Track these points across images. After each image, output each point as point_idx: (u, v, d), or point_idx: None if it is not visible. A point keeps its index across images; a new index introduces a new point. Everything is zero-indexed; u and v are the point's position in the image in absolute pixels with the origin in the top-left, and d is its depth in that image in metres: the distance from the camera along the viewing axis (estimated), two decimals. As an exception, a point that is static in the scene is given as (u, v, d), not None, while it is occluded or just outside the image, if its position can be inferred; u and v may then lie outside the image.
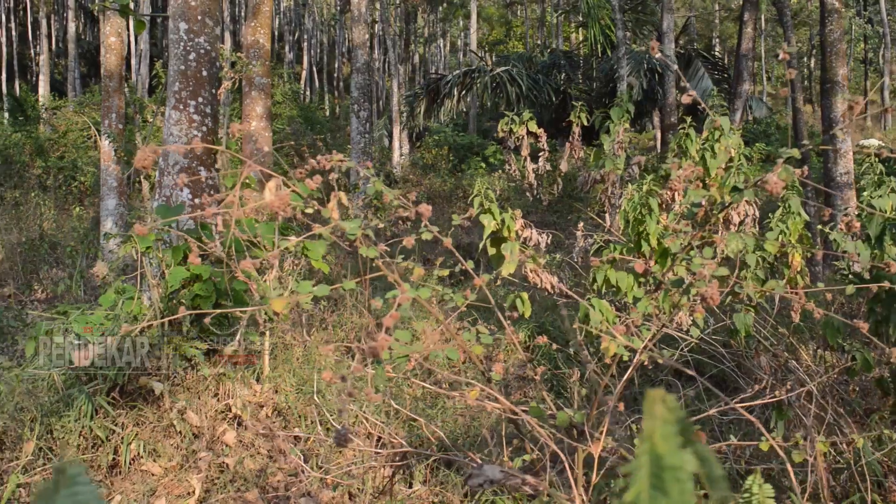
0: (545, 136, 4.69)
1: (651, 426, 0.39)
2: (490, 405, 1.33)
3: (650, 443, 0.39)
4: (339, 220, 1.23)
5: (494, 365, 1.35)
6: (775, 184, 1.19)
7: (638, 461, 0.39)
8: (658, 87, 18.00)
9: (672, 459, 0.38)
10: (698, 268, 1.27)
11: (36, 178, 19.41)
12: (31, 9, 43.86)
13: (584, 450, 1.48)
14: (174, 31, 5.62)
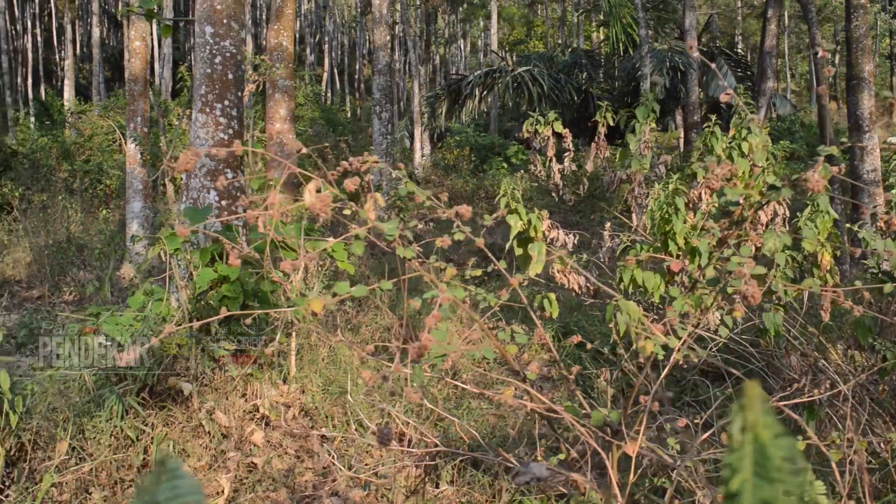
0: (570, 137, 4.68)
1: (753, 417, 0.40)
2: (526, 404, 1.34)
3: (753, 433, 0.40)
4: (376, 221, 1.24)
5: (530, 364, 1.36)
6: (817, 182, 1.18)
7: (740, 451, 0.40)
8: (680, 85, 17.90)
9: (775, 449, 0.39)
10: (735, 266, 1.27)
11: (62, 182, 19.62)
12: (55, 14, 44.36)
13: (620, 449, 1.48)
14: (200, 35, 5.68)
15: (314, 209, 1.09)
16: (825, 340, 3.89)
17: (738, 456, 0.40)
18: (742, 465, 0.40)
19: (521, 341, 1.45)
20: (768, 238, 1.45)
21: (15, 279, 12.86)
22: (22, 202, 17.10)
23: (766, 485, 0.39)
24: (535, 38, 45.18)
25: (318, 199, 1.08)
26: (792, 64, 46.25)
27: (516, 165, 20.83)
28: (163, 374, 5.00)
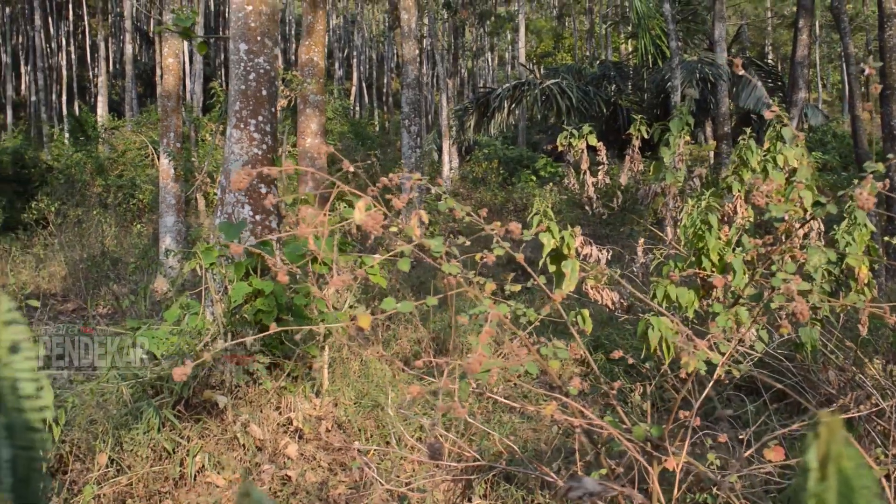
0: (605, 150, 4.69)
1: (836, 449, 0.41)
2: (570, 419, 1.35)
3: (837, 464, 0.41)
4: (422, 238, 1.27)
5: (572, 380, 1.37)
6: (866, 199, 1.19)
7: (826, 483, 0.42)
8: (710, 97, 17.79)
9: (858, 479, 0.41)
10: (779, 283, 1.27)
11: (97, 197, 19.92)
12: (89, 32, 45.17)
13: (661, 464, 1.48)
14: (234, 52, 5.76)
15: (366, 227, 1.11)
16: (863, 355, 3.85)
17: (824, 487, 0.41)
18: (828, 495, 0.41)
19: (563, 356, 1.47)
20: (812, 254, 1.45)
21: (51, 292, 13.07)
22: (57, 217, 17.39)
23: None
24: (563, 50, 45.18)
25: (370, 217, 1.10)
26: (823, 74, 45.80)
27: (545, 178, 20.82)
28: (198, 386, 5.06)
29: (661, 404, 5.06)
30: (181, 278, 6.87)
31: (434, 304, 1.37)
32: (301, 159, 9.55)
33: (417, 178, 1.40)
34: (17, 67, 45.87)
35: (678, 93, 12.81)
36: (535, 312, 1.68)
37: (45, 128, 32.40)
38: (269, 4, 5.78)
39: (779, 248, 1.51)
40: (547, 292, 1.55)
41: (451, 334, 7.52)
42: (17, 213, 18.71)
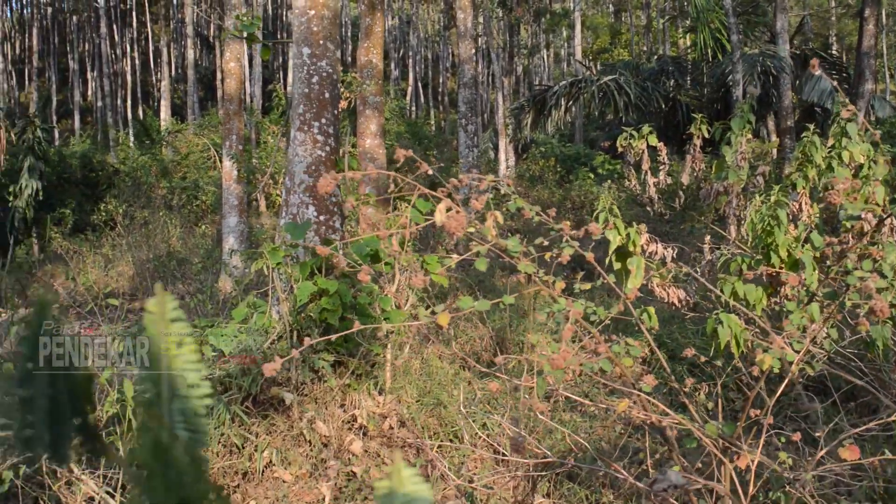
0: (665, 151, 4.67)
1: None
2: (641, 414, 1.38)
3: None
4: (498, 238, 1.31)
5: (646, 377, 1.39)
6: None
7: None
8: (772, 90, 17.46)
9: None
10: (855, 280, 1.28)
11: (161, 198, 20.42)
12: (152, 38, 46.29)
13: (733, 462, 1.50)
14: (297, 56, 5.88)
15: (448, 228, 1.16)
16: (937, 354, 3.76)
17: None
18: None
19: (635, 354, 1.49)
20: (890, 251, 1.45)
21: (119, 291, 13.46)
22: (125, 218, 17.88)
23: None
24: (620, 45, 44.71)
25: (453, 219, 1.14)
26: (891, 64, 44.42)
27: (602, 175, 20.65)
28: (265, 384, 5.18)
29: (725, 404, 5.01)
30: (248, 278, 7.02)
31: (510, 303, 1.41)
32: (361, 160, 9.67)
33: (491, 179, 1.44)
34: (84, 74, 47.28)
35: (739, 87, 12.60)
36: (605, 310, 1.70)
37: (112, 132, 33.33)
38: (331, 8, 5.88)
39: (854, 246, 1.51)
40: (618, 290, 1.58)
41: (511, 333, 7.54)
42: (86, 215, 19.32)
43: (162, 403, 0.49)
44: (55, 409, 0.51)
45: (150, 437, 0.46)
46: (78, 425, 0.51)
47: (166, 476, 0.46)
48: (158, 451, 0.46)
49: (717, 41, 18.04)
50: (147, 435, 0.46)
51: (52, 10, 46.65)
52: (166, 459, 0.46)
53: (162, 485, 0.46)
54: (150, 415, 0.48)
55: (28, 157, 16.10)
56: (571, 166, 22.51)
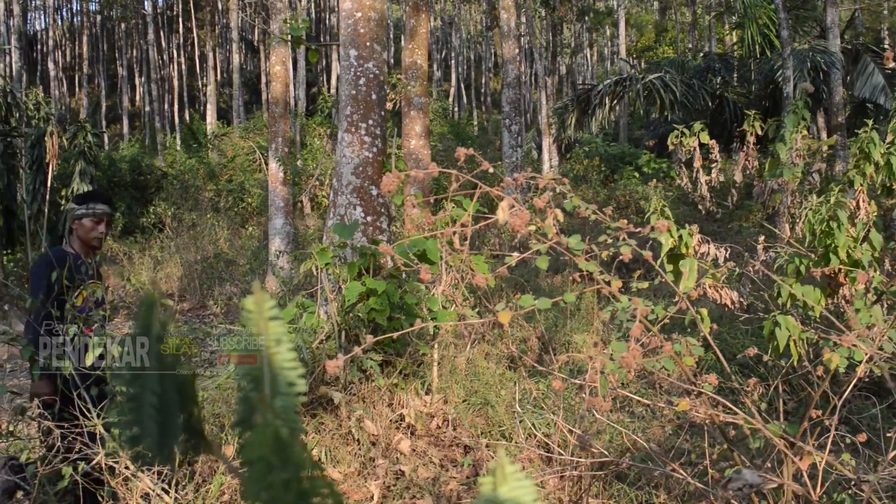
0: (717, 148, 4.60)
1: None
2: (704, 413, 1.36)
3: None
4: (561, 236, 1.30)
5: (709, 377, 1.38)
6: None
7: None
8: (822, 86, 17.12)
9: None
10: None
11: (209, 201, 20.73)
12: (198, 44, 47.01)
13: (794, 464, 1.48)
14: (345, 59, 5.92)
15: (513, 227, 1.16)
16: None
17: None
18: None
19: (697, 353, 1.48)
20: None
21: (168, 292, 13.68)
22: (173, 220, 18.18)
23: None
24: (665, 43, 44.23)
25: (517, 217, 1.14)
26: (945, 59, 43.15)
27: (648, 175, 20.44)
28: (314, 383, 5.23)
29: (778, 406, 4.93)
30: (295, 279, 7.09)
31: (571, 300, 1.40)
32: (407, 160, 9.71)
33: (550, 177, 1.43)
34: (133, 79, 48.26)
35: (790, 84, 12.38)
36: (664, 310, 1.69)
37: (159, 136, 33.96)
38: (378, 10, 5.91)
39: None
40: (676, 290, 1.56)
41: (556, 332, 7.51)
42: (135, 218, 19.70)
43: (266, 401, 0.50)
44: (163, 407, 0.52)
45: (270, 431, 0.47)
46: (183, 422, 0.53)
47: (286, 470, 0.47)
48: (278, 446, 0.47)
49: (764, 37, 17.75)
50: (265, 430, 0.47)
51: (101, 18, 47.67)
52: (285, 454, 0.47)
53: (281, 479, 0.46)
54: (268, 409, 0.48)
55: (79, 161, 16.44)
56: (616, 165, 22.33)
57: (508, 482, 0.50)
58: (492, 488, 0.50)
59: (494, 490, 0.49)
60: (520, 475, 0.50)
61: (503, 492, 0.49)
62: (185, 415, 0.52)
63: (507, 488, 0.49)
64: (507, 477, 0.50)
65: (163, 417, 0.51)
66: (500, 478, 0.50)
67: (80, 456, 3.50)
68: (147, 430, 0.50)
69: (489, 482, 0.50)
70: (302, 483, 0.47)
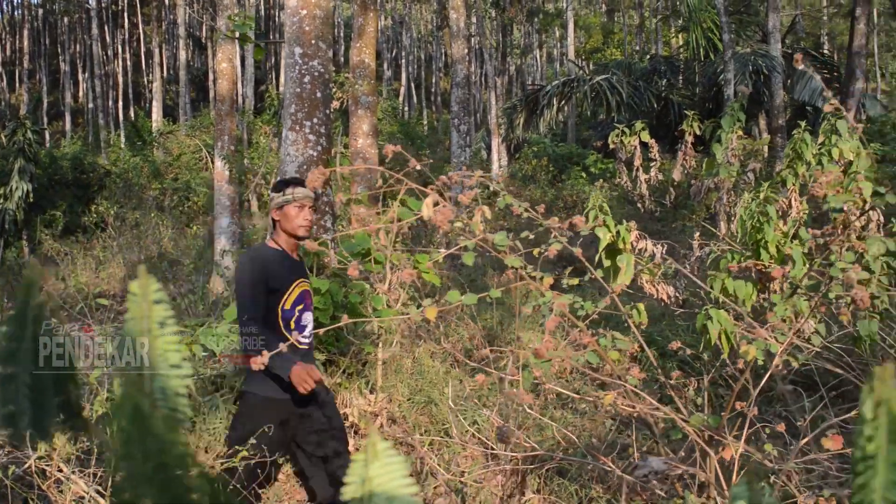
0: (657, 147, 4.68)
1: (887, 392, 0.46)
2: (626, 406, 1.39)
3: (887, 406, 0.46)
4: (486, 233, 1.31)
5: (632, 369, 1.40)
6: (922, 190, 1.21)
7: (876, 421, 0.47)
8: (764, 89, 17.52)
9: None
10: (838, 272, 1.29)
11: (153, 200, 20.39)
12: (144, 40, 46.19)
13: (718, 453, 1.51)
14: (290, 56, 5.88)
15: (435, 222, 1.17)
16: (924, 349, 3.79)
17: (874, 425, 0.47)
18: (877, 433, 0.46)
19: (622, 347, 1.50)
20: (871, 243, 1.47)
21: (110, 293, 13.41)
22: (116, 220, 17.83)
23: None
24: (613, 45, 44.80)
25: (439, 213, 1.15)
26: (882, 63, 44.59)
27: (595, 175, 20.69)
28: (257, 383, 5.18)
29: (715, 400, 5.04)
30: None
31: (497, 297, 1.42)
32: (353, 160, 9.67)
33: (479, 175, 1.44)
34: (76, 75, 47.17)
35: (731, 87, 12.65)
36: (593, 305, 1.71)
37: (103, 133, 33.26)
38: (323, 8, 5.88)
39: (836, 239, 1.52)
40: (606, 285, 1.59)
41: (501, 330, 7.56)
42: (76, 217, 19.28)
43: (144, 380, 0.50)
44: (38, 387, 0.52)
45: (130, 403, 0.47)
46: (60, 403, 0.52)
47: (144, 442, 0.47)
48: (138, 417, 0.47)
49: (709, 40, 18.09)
50: (127, 402, 0.47)
51: (42, 11, 46.55)
52: (145, 426, 0.47)
53: (140, 451, 0.46)
54: (131, 383, 0.49)
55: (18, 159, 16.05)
56: (564, 166, 22.55)
57: (379, 459, 0.51)
58: (363, 466, 0.51)
59: (365, 467, 0.51)
60: (391, 452, 0.51)
61: (374, 469, 0.50)
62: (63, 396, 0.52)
63: (377, 465, 0.50)
64: (378, 454, 0.51)
65: (38, 397, 0.51)
66: (371, 455, 0.51)
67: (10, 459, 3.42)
68: (22, 409, 0.50)
69: (360, 459, 0.52)
70: (162, 456, 0.47)
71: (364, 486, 0.50)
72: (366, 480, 0.50)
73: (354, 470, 0.51)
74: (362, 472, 0.50)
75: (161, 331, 0.53)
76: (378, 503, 0.49)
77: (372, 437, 0.52)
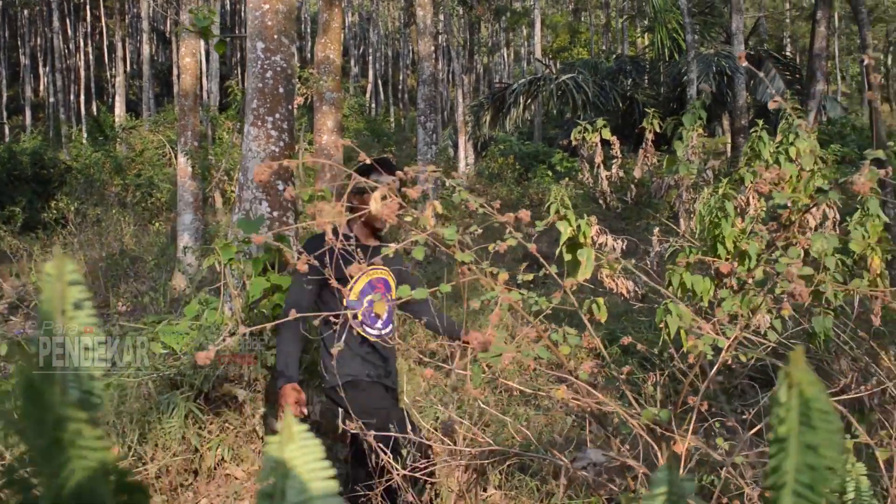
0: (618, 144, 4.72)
1: (799, 375, 0.47)
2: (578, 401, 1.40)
3: (799, 388, 0.47)
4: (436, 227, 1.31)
5: (583, 364, 1.41)
6: (863, 185, 1.22)
7: (787, 404, 0.47)
8: (727, 90, 17.75)
9: (818, 402, 0.46)
10: (783, 268, 1.30)
11: (115, 196, 20.11)
12: (106, 33, 45.52)
13: (669, 448, 1.53)
14: (252, 51, 5.83)
15: (381, 216, 1.16)
16: (876, 346, 3.85)
17: (786, 407, 0.47)
18: (789, 415, 0.47)
19: (573, 342, 1.51)
20: (816, 240, 1.49)
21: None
22: (77, 216, 17.55)
23: (810, 431, 0.46)
24: (579, 44, 45.05)
25: (385, 207, 1.14)
26: (842, 66, 45.37)
27: (561, 173, 20.79)
28: (217, 381, 5.13)
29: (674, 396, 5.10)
30: (200, 275, 6.95)
31: (447, 291, 1.42)
32: (318, 156, 9.61)
33: (432, 169, 1.44)
34: (36, 69, 46.35)
35: (694, 86, 12.79)
36: (548, 301, 1.72)
37: (64, 128, 32.71)
38: (286, 3, 5.84)
39: (782, 235, 1.54)
40: (557, 280, 1.59)
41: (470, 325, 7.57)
42: (36, 213, 18.93)
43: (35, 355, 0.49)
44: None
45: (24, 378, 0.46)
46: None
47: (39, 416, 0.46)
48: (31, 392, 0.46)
49: (673, 41, 18.28)
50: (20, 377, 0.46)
51: (2, 3, 45.65)
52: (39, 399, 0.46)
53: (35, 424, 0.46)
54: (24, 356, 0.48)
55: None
56: (530, 164, 22.62)
57: (295, 441, 0.50)
58: (278, 448, 0.50)
59: (280, 450, 0.50)
60: (306, 434, 0.51)
61: (289, 451, 0.50)
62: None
63: (292, 447, 0.50)
64: (293, 436, 0.50)
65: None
66: (287, 437, 0.50)
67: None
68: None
69: (275, 441, 0.51)
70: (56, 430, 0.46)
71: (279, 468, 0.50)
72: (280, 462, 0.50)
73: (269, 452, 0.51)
74: (277, 454, 0.50)
75: (76, 312, 0.52)
76: (293, 485, 0.49)
77: (287, 419, 0.51)
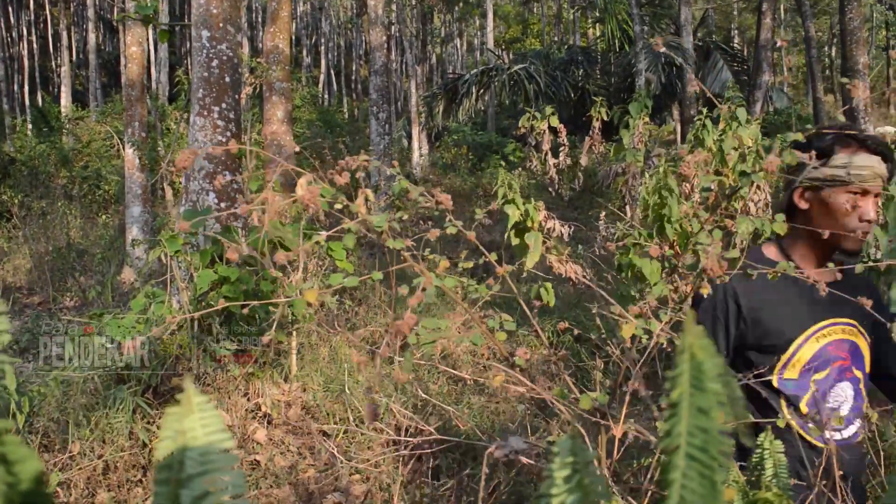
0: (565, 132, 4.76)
1: (691, 340, 0.48)
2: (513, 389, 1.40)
3: (690, 352, 0.48)
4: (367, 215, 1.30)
5: (518, 350, 1.42)
6: (771, 163, 1.25)
7: (680, 368, 0.48)
8: (676, 81, 17.97)
9: (708, 365, 0.47)
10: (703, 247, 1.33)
11: (61, 188, 19.68)
12: (51, 21, 44.43)
13: (608, 432, 1.54)
14: (197, 39, 5.74)
15: (304, 201, 1.15)
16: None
17: (679, 371, 0.48)
18: (681, 379, 0.48)
19: (510, 328, 1.51)
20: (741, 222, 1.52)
21: (16, 286, 12.90)
22: (21, 209, 17.14)
23: (701, 394, 0.47)
24: (532, 35, 45.22)
25: (308, 192, 1.14)
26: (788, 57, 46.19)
27: (514, 163, 20.88)
28: (166, 374, 5.06)
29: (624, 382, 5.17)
30: (147, 267, 6.85)
31: (379, 279, 1.41)
32: (267, 147, 9.52)
33: (364, 159, 1.43)
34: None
35: (643, 77, 12.94)
36: (487, 288, 1.72)
37: (7, 119, 31.85)
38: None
39: (710, 218, 1.57)
40: (495, 264, 1.59)
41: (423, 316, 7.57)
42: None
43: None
44: None
45: None
46: None
47: None
48: None
49: (623, 32, 18.45)
50: None
51: (-60, -10, 44.29)
52: None
53: None
54: None
55: (-86, 144, 15.23)
56: (483, 154, 22.66)
57: (195, 412, 0.50)
58: (177, 419, 0.50)
59: (180, 420, 0.50)
60: (207, 406, 0.50)
61: (189, 422, 0.49)
62: None
63: (193, 418, 0.50)
64: (193, 408, 0.50)
65: None
66: (187, 408, 0.50)
67: None
68: None
69: (175, 412, 0.50)
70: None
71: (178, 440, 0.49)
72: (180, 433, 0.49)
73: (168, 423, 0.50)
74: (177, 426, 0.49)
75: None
76: (192, 456, 0.49)
77: (187, 390, 0.51)
